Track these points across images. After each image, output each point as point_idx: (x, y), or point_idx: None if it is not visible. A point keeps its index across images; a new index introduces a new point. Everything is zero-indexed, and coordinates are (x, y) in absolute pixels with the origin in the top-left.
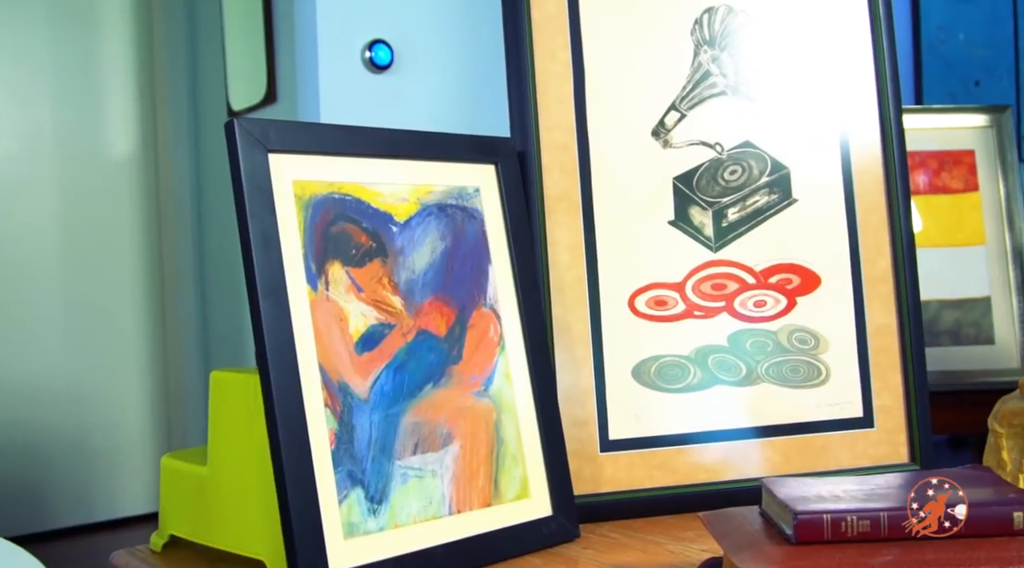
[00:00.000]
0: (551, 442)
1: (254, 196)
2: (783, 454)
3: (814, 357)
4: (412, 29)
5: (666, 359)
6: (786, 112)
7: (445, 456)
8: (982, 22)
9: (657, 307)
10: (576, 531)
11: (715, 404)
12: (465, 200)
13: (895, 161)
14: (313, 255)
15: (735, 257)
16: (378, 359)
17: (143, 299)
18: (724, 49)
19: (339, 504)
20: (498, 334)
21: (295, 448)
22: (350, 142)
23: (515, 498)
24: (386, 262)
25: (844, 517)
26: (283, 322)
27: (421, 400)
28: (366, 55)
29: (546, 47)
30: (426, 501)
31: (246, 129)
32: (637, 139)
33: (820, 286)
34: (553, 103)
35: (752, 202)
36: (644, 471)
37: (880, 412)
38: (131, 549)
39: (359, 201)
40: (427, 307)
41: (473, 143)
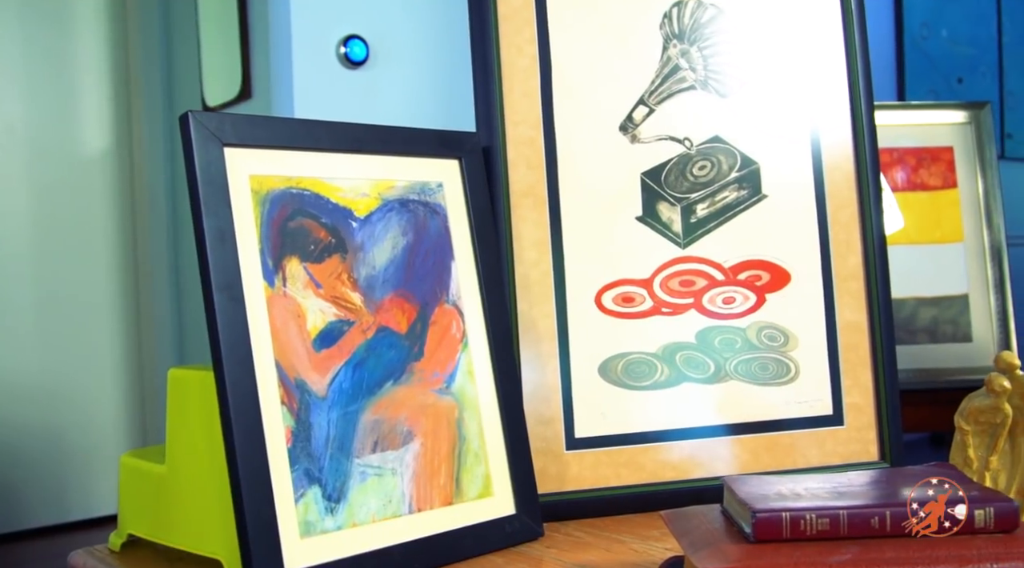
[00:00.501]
0: (515, 440)
1: (209, 190)
2: (752, 452)
3: (783, 354)
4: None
5: (633, 356)
6: (756, 107)
7: (405, 454)
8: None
9: (624, 304)
10: (540, 530)
11: (683, 402)
12: (428, 195)
13: (866, 157)
14: (270, 251)
15: (704, 253)
16: (337, 356)
17: (118, 296)
18: (694, 43)
19: (295, 503)
20: (461, 331)
21: (250, 446)
22: (309, 136)
23: (477, 497)
24: (345, 258)
25: (803, 515)
26: (238, 318)
27: (381, 397)
28: (341, 51)
29: (512, 40)
30: (385, 500)
31: (201, 123)
32: (605, 134)
33: (790, 283)
34: (519, 97)
35: (721, 198)
36: (610, 469)
37: (850, 410)
38: (89, 549)
39: (318, 196)
40: (388, 303)
41: (436, 138)
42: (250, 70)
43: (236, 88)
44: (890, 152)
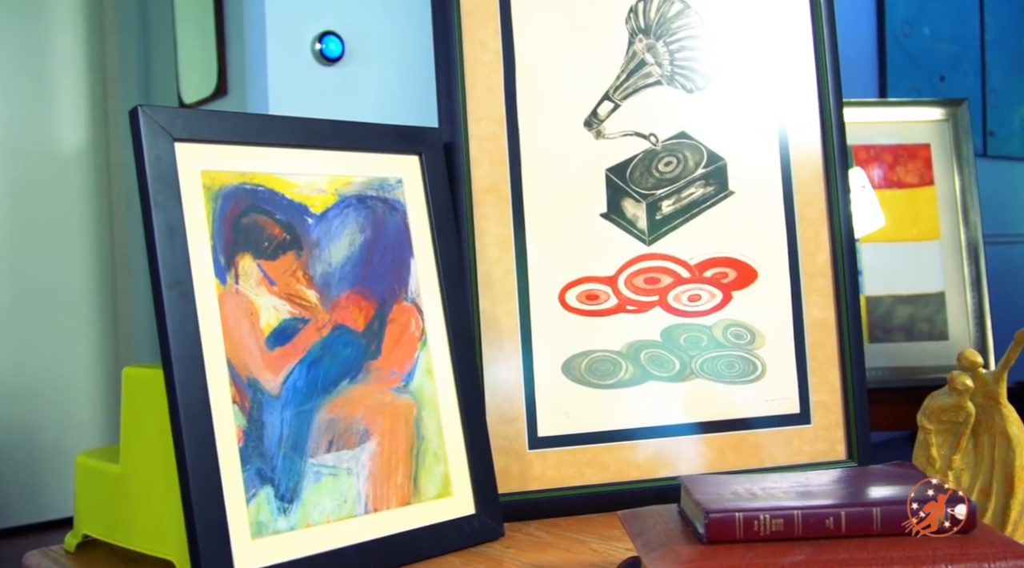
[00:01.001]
0: (475, 439)
1: (158, 186)
2: (718, 451)
3: (750, 352)
4: (363, 21)
5: (597, 354)
6: (724, 103)
7: (361, 453)
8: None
9: (588, 301)
10: (500, 530)
11: (648, 400)
12: (387, 191)
13: (835, 153)
14: (222, 247)
15: (669, 250)
16: (291, 354)
17: (94, 294)
18: (660, 38)
19: (247, 503)
20: (420, 329)
21: (199, 445)
22: (264, 131)
23: (436, 496)
24: (301, 255)
25: (757, 516)
26: (188, 316)
27: (337, 396)
28: (316, 47)
29: (475, 35)
30: (340, 500)
31: (151, 117)
32: (569, 129)
33: (756, 280)
34: (482, 93)
35: (687, 194)
36: (574, 468)
37: (817, 408)
38: (44, 549)
39: (272, 192)
40: (344, 301)
41: (396, 133)
42: (226, 67)
43: (212, 85)
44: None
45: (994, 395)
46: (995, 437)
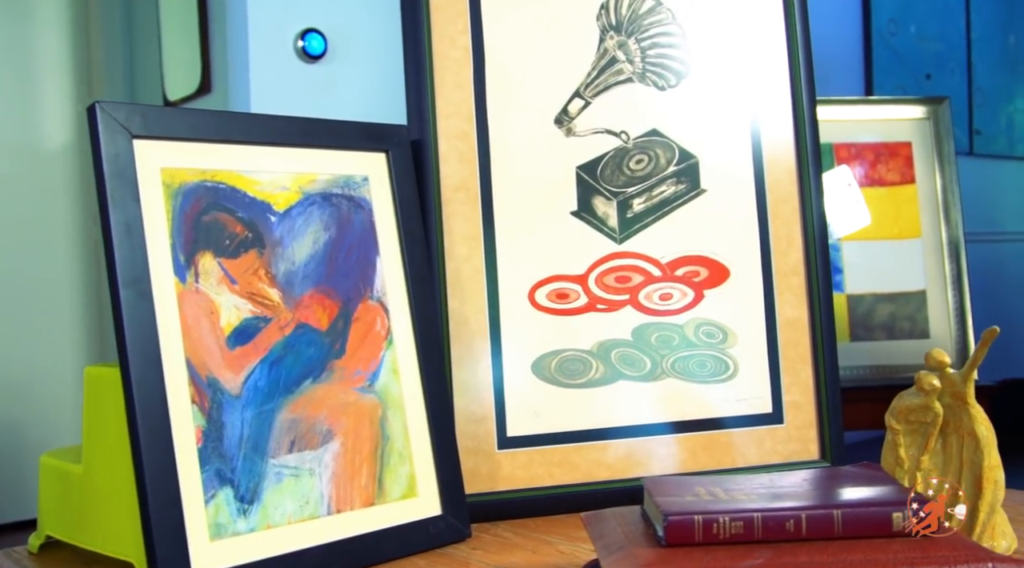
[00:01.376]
0: (442, 439)
1: (115, 183)
2: (689, 451)
3: (722, 351)
4: (346, 18)
5: (567, 353)
6: (695, 100)
7: (324, 454)
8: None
9: (559, 300)
10: (467, 531)
11: (619, 400)
12: (352, 189)
13: (808, 152)
14: (182, 245)
15: (640, 249)
16: (252, 354)
17: (79, 292)
18: (631, 35)
19: (205, 504)
20: (385, 328)
21: (157, 445)
22: (225, 129)
23: (401, 497)
24: (263, 253)
25: (716, 519)
26: (146, 315)
27: (299, 396)
28: (299, 45)
29: (444, 31)
30: (302, 501)
31: (108, 114)
32: (539, 127)
33: (729, 279)
34: (451, 89)
35: (659, 192)
36: (543, 469)
37: (790, 408)
38: (7, 551)
39: (234, 189)
40: (307, 300)
41: (362, 130)
42: (210, 64)
43: (196, 82)
44: (848, 147)
45: (962, 395)
46: (963, 437)
